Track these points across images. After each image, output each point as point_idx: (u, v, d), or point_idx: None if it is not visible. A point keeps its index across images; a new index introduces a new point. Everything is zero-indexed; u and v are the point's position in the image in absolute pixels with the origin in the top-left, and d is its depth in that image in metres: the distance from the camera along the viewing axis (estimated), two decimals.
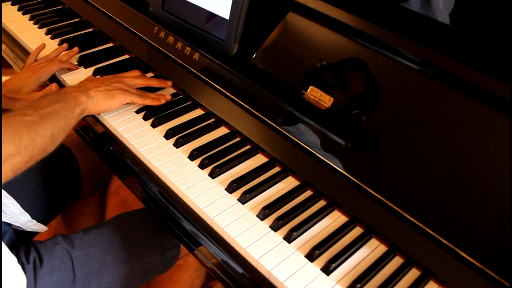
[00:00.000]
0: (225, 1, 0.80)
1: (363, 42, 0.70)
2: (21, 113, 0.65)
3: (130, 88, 0.83)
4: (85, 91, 0.76)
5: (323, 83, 0.73)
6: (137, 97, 0.81)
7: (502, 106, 0.57)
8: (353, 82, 0.71)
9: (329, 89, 0.71)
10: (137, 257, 0.83)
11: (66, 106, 0.72)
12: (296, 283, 0.56)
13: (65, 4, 1.19)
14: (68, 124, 0.71)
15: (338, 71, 0.73)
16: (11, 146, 0.61)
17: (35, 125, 0.65)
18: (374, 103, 0.67)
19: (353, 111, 0.69)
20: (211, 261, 0.65)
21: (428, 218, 0.57)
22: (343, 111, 0.70)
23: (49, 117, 0.67)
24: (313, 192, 0.69)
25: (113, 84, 0.81)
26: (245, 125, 0.77)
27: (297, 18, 0.78)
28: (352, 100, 0.70)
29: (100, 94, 0.78)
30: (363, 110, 0.68)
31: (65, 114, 0.71)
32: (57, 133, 0.68)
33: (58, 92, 0.75)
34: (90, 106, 0.76)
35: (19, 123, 0.63)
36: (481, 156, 0.57)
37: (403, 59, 0.65)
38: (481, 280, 0.53)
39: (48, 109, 0.68)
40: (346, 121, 0.68)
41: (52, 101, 0.70)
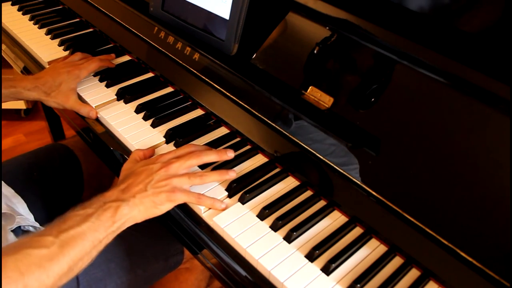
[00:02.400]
0: (225, 1, 0.80)
1: (363, 42, 0.70)
2: (37, 241, 0.54)
3: (183, 181, 0.65)
4: (129, 198, 0.62)
5: (323, 83, 0.73)
6: (192, 199, 0.65)
7: (502, 106, 0.57)
8: (353, 82, 0.71)
9: (329, 89, 0.71)
10: (141, 265, 0.83)
11: (99, 225, 0.58)
12: (296, 283, 0.56)
13: (65, 4, 1.19)
14: (96, 247, 0.59)
15: (338, 71, 0.73)
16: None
17: (50, 262, 0.53)
18: (374, 103, 0.67)
19: (353, 111, 0.69)
20: (212, 261, 0.65)
21: (428, 218, 0.57)
22: (343, 111, 0.70)
23: (72, 244, 0.55)
24: (313, 192, 0.69)
25: (161, 182, 0.64)
26: (245, 125, 0.77)
27: (297, 18, 0.78)
28: (352, 100, 0.70)
29: (147, 201, 0.63)
30: (363, 110, 0.68)
31: (94, 236, 0.58)
32: (77, 263, 0.57)
33: (95, 200, 0.62)
34: (136, 216, 0.63)
35: (30, 260, 0.52)
36: (481, 156, 0.57)
37: (404, 59, 0.65)
38: (481, 280, 0.52)
39: (74, 231, 0.56)
40: (346, 121, 0.68)
41: (83, 217, 0.58)
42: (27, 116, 2.11)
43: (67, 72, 0.87)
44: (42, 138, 1.98)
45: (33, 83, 0.86)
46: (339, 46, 0.73)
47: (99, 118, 0.84)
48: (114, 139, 0.80)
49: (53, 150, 1.00)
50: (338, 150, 0.67)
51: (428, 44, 0.63)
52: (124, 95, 0.87)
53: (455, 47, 0.62)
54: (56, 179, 0.94)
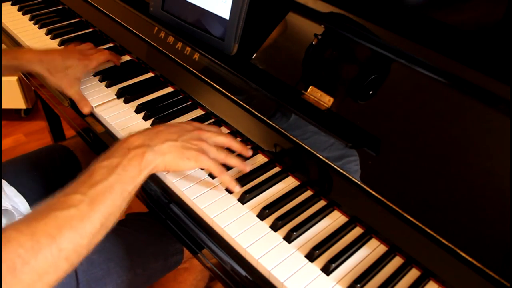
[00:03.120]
0: (225, 1, 0.80)
1: (363, 42, 0.70)
2: (65, 201, 0.52)
3: (212, 149, 0.66)
4: (156, 144, 0.61)
5: (323, 83, 0.73)
6: (215, 168, 0.65)
7: (502, 106, 0.57)
8: (353, 82, 0.71)
9: (329, 89, 0.71)
10: (141, 264, 0.83)
11: (126, 176, 0.57)
12: (296, 283, 0.56)
13: (65, 4, 1.19)
14: (125, 199, 0.57)
15: (338, 71, 0.73)
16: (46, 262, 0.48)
17: (82, 221, 0.51)
18: (374, 103, 0.67)
19: (353, 111, 0.69)
20: (211, 261, 0.65)
21: (428, 218, 0.57)
22: (343, 111, 0.70)
23: (102, 199, 0.54)
24: (313, 192, 0.69)
25: (193, 141, 0.65)
26: (245, 125, 0.77)
27: (297, 18, 0.78)
28: (352, 100, 0.70)
29: (175, 151, 0.62)
30: (363, 110, 0.68)
31: (123, 188, 0.56)
32: (108, 218, 0.55)
33: (118, 147, 0.60)
34: (160, 164, 0.61)
35: (60, 222, 0.50)
36: (481, 156, 0.57)
37: (404, 59, 0.65)
38: (481, 280, 0.52)
39: (102, 186, 0.54)
40: (346, 121, 0.68)
41: (108, 169, 0.56)
42: (27, 116, 2.11)
43: (78, 59, 0.86)
44: (42, 138, 1.98)
45: (38, 56, 0.84)
46: (339, 46, 0.73)
47: (99, 118, 0.84)
48: (114, 139, 0.80)
49: (54, 150, 1.00)
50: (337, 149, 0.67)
51: (428, 44, 0.63)
52: (124, 95, 0.87)
53: (455, 47, 0.62)
54: (57, 179, 0.95)
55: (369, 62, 0.69)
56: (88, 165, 0.99)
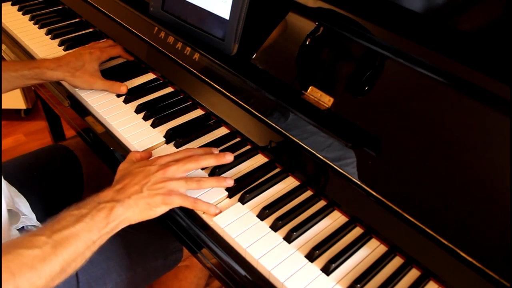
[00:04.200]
0: (225, 1, 0.80)
1: (363, 42, 0.70)
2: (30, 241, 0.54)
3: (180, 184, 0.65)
4: (124, 199, 0.62)
5: (323, 83, 0.73)
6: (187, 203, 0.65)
7: (502, 106, 0.57)
8: (353, 82, 0.71)
9: (329, 89, 0.71)
10: (141, 263, 0.83)
11: (92, 225, 0.58)
12: (296, 283, 0.56)
13: (65, 4, 1.19)
14: (89, 248, 0.58)
15: (338, 71, 0.73)
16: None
17: (42, 263, 0.53)
18: (374, 103, 0.67)
19: (353, 111, 0.69)
20: (211, 261, 0.65)
21: (428, 218, 0.57)
22: (343, 111, 0.70)
23: (65, 245, 0.55)
24: (313, 192, 0.69)
25: (158, 184, 0.64)
26: (245, 125, 0.77)
27: (297, 18, 0.78)
28: (352, 100, 0.70)
29: (142, 203, 0.62)
30: (363, 110, 0.68)
31: (88, 237, 0.57)
32: (70, 264, 0.56)
33: (89, 201, 0.61)
34: (130, 217, 0.62)
35: (22, 260, 0.51)
36: (481, 156, 0.57)
37: (404, 60, 0.65)
38: (481, 280, 0.52)
39: (67, 232, 0.56)
40: (346, 121, 0.68)
41: (76, 217, 0.58)
42: (27, 116, 2.10)
43: (89, 53, 0.89)
44: (42, 138, 1.98)
45: (56, 63, 0.87)
46: (339, 46, 0.73)
47: (99, 118, 0.84)
48: (114, 139, 0.80)
49: (54, 151, 1.00)
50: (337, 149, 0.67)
51: (428, 44, 0.63)
52: (124, 95, 0.87)
53: (456, 48, 0.62)
54: (57, 179, 0.95)
55: (369, 63, 0.69)
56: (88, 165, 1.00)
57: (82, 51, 0.90)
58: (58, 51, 1.02)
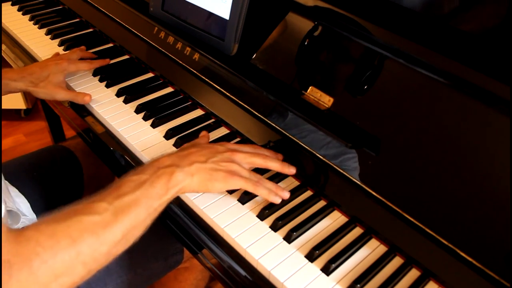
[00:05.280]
0: (225, 1, 0.80)
1: (364, 42, 0.70)
2: (90, 207, 0.53)
3: (243, 171, 0.64)
4: (185, 166, 0.61)
5: (323, 83, 0.73)
6: (247, 185, 0.64)
7: (502, 106, 0.57)
8: (353, 82, 0.71)
9: (329, 89, 0.71)
10: (141, 264, 0.83)
11: (153, 192, 0.57)
12: (296, 283, 0.56)
13: (65, 4, 1.19)
14: (151, 215, 0.57)
15: (338, 71, 0.73)
16: (63, 263, 0.48)
17: (104, 229, 0.51)
18: (374, 103, 0.67)
19: (352, 111, 0.69)
20: (211, 261, 0.65)
21: (428, 218, 0.57)
22: (343, 111, 0.70)
23: (126, 211, 0.54)
24: (313, 192, 0.69)
25: (224, 162, 0.64)
26: (245, 125, 0.77)
27: (297, 18, 0.78)
28: (352, 100, 0.70)
29: (204, 173, 0.61)
30: (363, 110, 0.68)
31: (149, 204, 0.56)
32: (131, 231, 0.55)
33: (148, 165, 0.60)
34: (187, 186, 0.61)
35: (82, 226, 0.50)
36: (481, 156, 0.57)
37: (403, 59, 0.65)
38: (481, 280, 0.52)
39: (128, 198, 0.55)
40: (346, 121, 0.68)
41: (137, 183, 0.57)
42: (27, 116, 2.11)
43: (55, 64, 0.88)
44: (42, 138, 1.98)
45: (19, 73, 0.86)
46: (339, 46, 0.73)
47: (99, 118, 0.84)
48: (114, 140, 0.80)
49: (54, 151, 1.00)
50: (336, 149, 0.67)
51: (428, 44, 0.63)
52: (124, 95, 0.87)
53: (456, 48, 0.62)
54: (57, 180, 0.95)
55: (369, 63, 0.69)
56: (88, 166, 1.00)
57: (49, 61, 0.88)
58: (58, 51, 1.02)
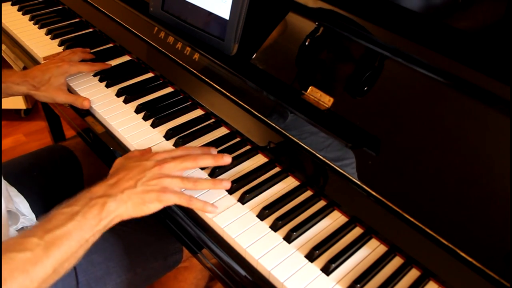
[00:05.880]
0: (225, 1, 0.80)
1: (364, 42, 0.70)
2: (21, 244, 0.52)
3: (175, 182, 0.63)
4: (116, 194, 0.60)
5: (323, 83, 0.73)
6: (181, 200, 0.63)
7: (502, 106, 0.57)
8: (353, 82, 0.71)
9: (329, 89, 0.71)
10: (140, 263, 0.83)
11: (85, 224, 0.56)
12: (296, 283, 0.56)
13: (65, 4, 1.19)
14: (82, 246, 0.57)
15: (338, 71, 0.73)
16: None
17: (35, 266, 0.51)
18: (374, 103, 0.67)
19: (352, 111, 0.69)
20: (211, 261, 0.65)
21: (428, 218, 0.57)
22: (343, 111, 0.70)
23: (58, 245, 0.54)
24: (313, 192, 0.69)
25: (153, 180, 0.62)
26: (245, 125, 0.77)
27: (297, 18, 0.78)
28: (352, 100, 0.70)
29: (136, 198, 0.61)
30: (363, 110, 0.68)
31: (81, 235, 0.56)
32: (62, 264, 0.55)
33: (81, 196, 0.60)
34: (123, 213, 0.60)
35: (13, 265, 0.50)
36: (481, 156, 0.57)
37: (403, 59, 0.65)
38: (481, 280, 0.52)
39: (59, 231, 0.54)
40: (346, 121, 0.68)
41: (68, 215, 0.56)
42: (27, 116, 2.11)
43: (56, 67, 0.87)
44: (42, 138, 1.98)
45: (21, 77, 0.86)
46: (339, 46, 0.73)
47: (99, 118, 0.84)
48: (114, 139, 0.80)
49: (54, 151, 1.00)
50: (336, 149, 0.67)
51: (428, 44, 0.63)
52: (124, 95, 0.87)
53: (456, 48, 0.62)
54: (57, 180, 0.95)
55: (369, 63, 0.69)
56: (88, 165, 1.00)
57: (50, 64, 0.88)
58: (58, 51, 1.02)
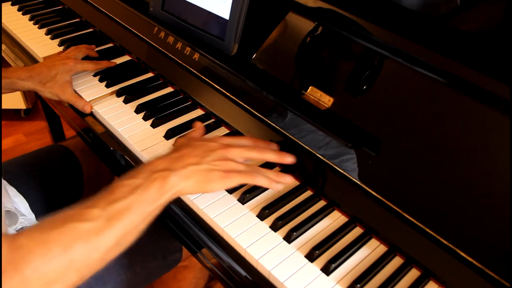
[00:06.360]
0: (225, 1, 0.80)
1: (364, 42, 0.70)
2: (82, 214, 0.52)
3: (239, 166, 0.63)
4: (179, 169, 0.59)
5: (323, 83, 0.73)
6: (246, 179, 0.63)
7: (503, 106, 0.57)
8: (353, 82, 0.71)
9: (329, 89, 0.71)
10: (140, 262, 0.83)
11: (146, 197, 0.56)
12: (296, 283, 0.56)
13: (65, 4, 1.19)
14: (145, 220, 0.56)
15: (338, 71, 0.73)
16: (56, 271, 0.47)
17: (97, 236, 0.51)
18: (374, 103, 0.67)
19: (352, 111, 0.69)
20: (211, 261, 0.65)
21: (428, 218, 0.57)
22: (343, 111, 0.70)
23: (119, 217, 0.53)
24: (313, 192, 0.69)
25: (218, 161, 0.62)
26: (245, 125, 0.77)
27: (297, 18, 0.78)
28: (352, 100, 0.70)
29: (199, 175, 0.60)
30: (363, 110, 0.68)
31: (142, 209, 0.55)
32: (125, 237, 0.54)
33: (142, 169, 0.59)
34: (183, 189, 0.60)
35: (75, 233, 0.50)
36: (481, 156, 0.57)
37: (403, 59, 0.65)
38: (481, 280, 0.53)
39: (121, 204, 0.54)
40: (346, 121, 0.68)
41: (130, 188, 0.56)
42: (27, 116, 2.11)
43: (62, 64, 0.88)
44: (42, 138, 1.98)
45: (27, 73, 0.86)
46: (339, 46, 0.73)
47: (99, 118, 0.84)
48: (114, 139, 0.80)
49: (54, 151, 1.00)
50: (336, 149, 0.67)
51: (428, 44, 0.63)
52: (124, 95, 0.87)
53: (456, 48, 0.62)
54: (57, 180, 0.95)
55: (369, 62, 0.69)
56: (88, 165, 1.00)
57: (56, 61, 0.88)
58: (58, 51, 1.02)
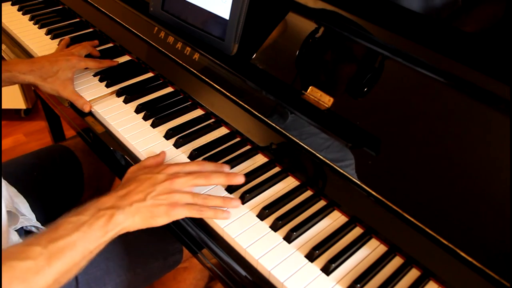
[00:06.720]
0: (225, 1, 0.80)
1: (364, 42, 0.70)
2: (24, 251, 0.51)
3: (185, 198, 0.63)
4: (125, 206, 0.59)
5: (323, 83, 0.73)
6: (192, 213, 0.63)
7: (503, 106, 0.57)
8: (353, 82, 0.71)
9: (329, 89, 0.71)
10: (140, 263, 0.83)
11: (90, 235, 0.56)
12: (296, 283, 0.56)
13: (65, 4, 1.19)
14: (86, 257, 0.56)
15: (338, 71, 0.73)
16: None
17: (36, 275, 0.50)
18: (374, 103, 0.67)
19: (352, 111, 0.69)
20: (211, 261, 0.65)
21: (428, 218, 0.57)
22: (343, 111, 0.70)
23: (60, 255, 0.53)
24: (313, 192, 0.69)
25: (163, 195, 0.62)
26: (244, 125, 0.77)
27: (297, 18, 0.78)
28: (352, 100, 0.70)
29: (144, 211, 0.60)
30: (363, 110, 0.68)
31: (85, 246, 0.55)
32: (64, 275, 0.54)
33: (89, 206, 0.59)
34: (130, 226, 0.60)
35: (14, 273, 0.49)
36: (481, 156, 0.57)
37: (404, 59, 0.65)
38: (481, 280, 0.53)
39: (63, 242, 0.54)
40: (346, 121, 0.68)
41: (75, 225, 0.56)
42: (27, 116, 2.11)
43: (65, 60, 0.87)
44: (42, 138, 1.98)
45: (29, 66, 0.85)
46: (339, 46, 0.73)
47: (99, 118, 0.84)
48: (114, 139, 0.80)
49: (54, 151, 1.00)
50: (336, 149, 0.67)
51: (428, 44, 0.63)
52: (124, 95, 0.87)
53: (456, 48, 0.62)
54: (57, 180, 0.95)
55: (369, 62, 0.69)
56: (88, 165, 1.00)
57: (59, 57, 0.88)
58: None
